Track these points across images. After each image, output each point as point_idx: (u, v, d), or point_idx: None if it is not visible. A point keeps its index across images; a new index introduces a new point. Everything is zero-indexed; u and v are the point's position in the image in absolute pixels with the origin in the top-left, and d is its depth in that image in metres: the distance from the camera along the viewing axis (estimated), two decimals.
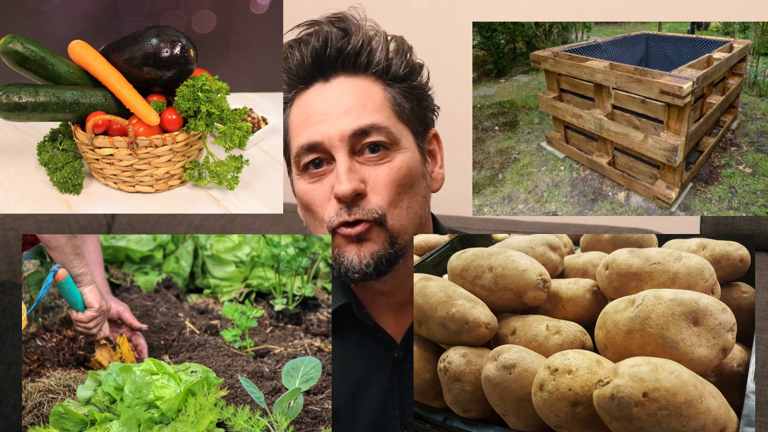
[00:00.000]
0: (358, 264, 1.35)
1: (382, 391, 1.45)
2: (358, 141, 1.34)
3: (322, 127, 1.34)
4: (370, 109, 1.35)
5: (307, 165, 1.37)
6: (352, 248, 1.35)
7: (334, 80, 1.37)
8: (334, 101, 1.35)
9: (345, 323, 1.47)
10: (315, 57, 1.36)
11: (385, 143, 1.35)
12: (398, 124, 1.37)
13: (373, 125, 1.34)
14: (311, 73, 1.38)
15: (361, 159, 1.35)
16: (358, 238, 1.34)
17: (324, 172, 1.36)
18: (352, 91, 1.36)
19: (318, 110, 1.36)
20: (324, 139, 1.34)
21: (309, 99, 1.38)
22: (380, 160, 1.35)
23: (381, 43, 1.38)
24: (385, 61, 1.37)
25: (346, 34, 1.36)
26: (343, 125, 1.34)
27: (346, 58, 1.36)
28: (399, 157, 1.36)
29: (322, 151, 1.35)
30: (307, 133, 1.35)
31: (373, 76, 1.38)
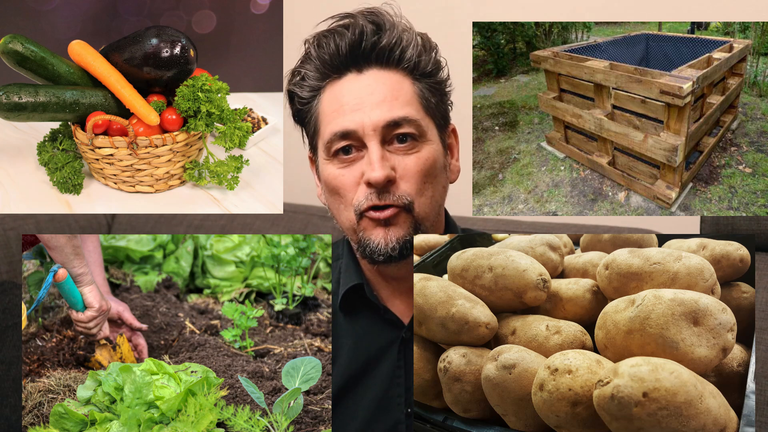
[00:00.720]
0: (384, 247, 1.42)
1: (389, 369, 1.50)
2: (389, 131, 1.41)
3: (356, 116, 1.41)
4: (402, 101, 1.42)
5: (337, 151, 1.43)
6: (379, 231, 1.42)
7: (367, 72, 1.43)
8: (368, 91, 1.42)
9: (355, 303, 1.53)
10: (351, 48, 1.42)
11: (414, 134, 1.42)
12: (425, 118, 1.44)
13: (405, 117, 1.41)
14: (345, 64, 1.43)
15: (391, 148, 1.41)
16: (386, 222, 1.41)
17: (354, 159, 1.42)
18: (385, 84, 1.42)
19: (352, 99, 1.42)
20: (358, 128, 1.40)
21: (342, 88, 1.43)
22: (409, 151, 1.42)
23: (412, 40, 1.44)
24: (416, 57, 1.44)
25: (381, 29, 1.42)
26: (377, 116, 1.40)
27: (381, 52, 1.42)
28: (426, 148, 1.43)
29: (354, 138, 1.41)
30: (341, 120, 1.41)
31: (404, 71, 1.44)
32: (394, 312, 1.52)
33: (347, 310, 1.54)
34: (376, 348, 1.51)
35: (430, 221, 1.44)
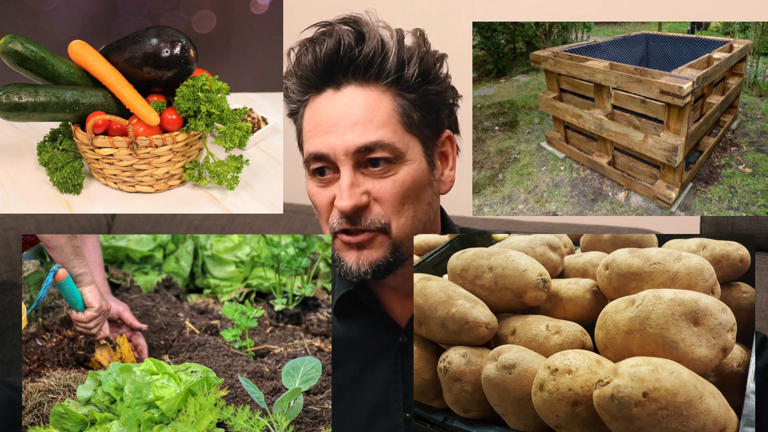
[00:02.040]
0: (356, 270, 1.40)
1: (386, 374, 1.48)
2: (362, 156, 1.37)
3: (329, 138, 1.37)
4: (377, 123, 1.37)
5: (314, 170, 1.41)
6: (351, 254, 1.40)
7: (344, 89, 1.39)
8: (343, 112, 1.37)
9: (351, 308, 1.51)
10: (327, 64, 1.38)
11: (389, 158, 1.37)
12: (405, 136, 1.39)
13: (377, 142, 1.36)
14: (323, 80, 1.40)
15: (366, 171, 1.38)
16: (359, 245, 1.39)
17: (330, 180, 1.40)
18: (360, 103, 1.37)
19: (326, 120, 1.38)
20: (330, 152, 1.37)
21: (320, 106, 1.40)
22: (384, 174, 1.38)
23: (394, 51, 1.38)
24: (396, 71, 1.38)
25: (360, 42, 1.37)
26: (349, 140, 1.36)
27: (357, 69, 1.38)
28: (404, 169, 1.38)
29: (327, 161, 1.38)
30: (315, 142, 1.39)
31: (384, 86, 1.39)
32: (392, 315, 1.50)
33: (342, 314, 1.52)
34: (372, 353, 1.49)
35: (409, 242, 1.41)
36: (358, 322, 1.51)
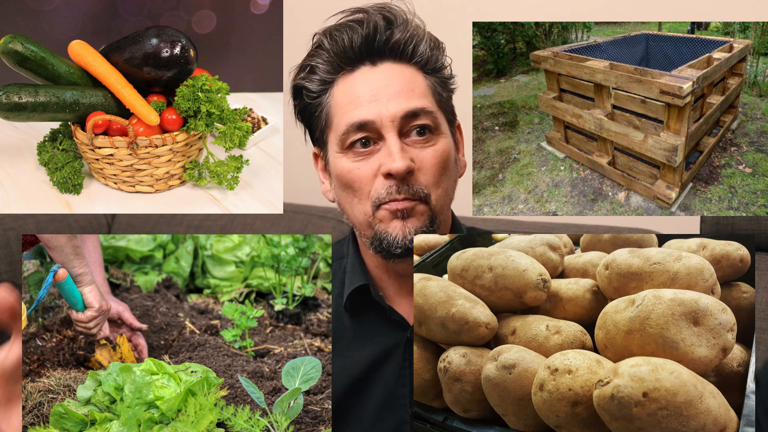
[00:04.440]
0: (402, 239, 1.42)
1: (394, 369, 1.50)
2: (407, 123, 1.41)
3: (373, 107, 1.41)
4: (418, 93, 1.43)
5: (353, 143, 1.43)
6: (397, 224, 1.42)
7: (381, 65, 1.44)
8: (384, 83, 1.42)
9: (361, 304, 1.53)
10: (365, 42, 1.42)
11: (430, 127, 1.43)
12: (439, 111, 1.45)
13: (422, 108, 1.41)
14: (359, 57, 1.44)
15: (408, 141, 1.42)
16: (404, 213, 1.41)
17: (371, 152, 1.42)
18: (400, 76, 1.43)
19: (368, 91, 1.42)
20: (376, 119, 1.40)
21: (356, 80, 1.44)
22: (426, 143, 1.42)
23: (425, 35, 1.45)
24: (428, 52, 1.45)
25: (394, 24, 1.43)
26: (395, 107, 1.40)
27: (395, 46, 1.43)
28: (441, 140, 1.44)
29: (372, 130, 1.41)
30: (358, 112, 1.41)
31: (416, 66, 1.45)
32: (400, 312, 1.52)
33: (353, 310, 1.54)
34: (381, 349, 1.51)
35: (444, 214, 1.46)
36: (368, 318, 1.53)
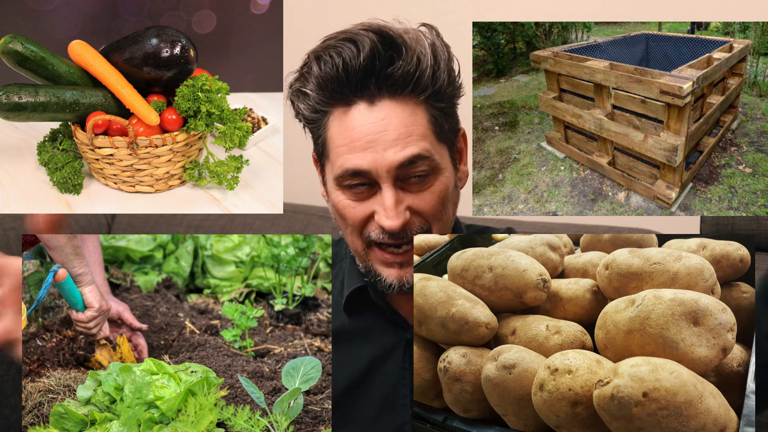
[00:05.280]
0: (398, 285, 1.41)
1: (394, 370, 1.49)
2: (404, 171, 1.35)
3: (368, 155, 1.34)
4: (416, 137, 1.35)
5: (348, 185, 1.38)
6: (392, 271, 1.41)
7: (379, 103, 1.35)
8: (381, 127, 1.34)
9: (360, 305, 1.52)
10: (362, 77, 1.33)
11: (427, 171, 1.37)
12: (439, 147, 1.39)
13: (419, 155, 1.35)
14: (353, 92, 1.35)
15: (404, 186, 1.37)
16: (401, 263, 1.40)
17: (366, 196, 1.38)
18: (398, 118, 1.35)
19: (364, 136, 1.34)
20: (371, 168, 1.35)
21: (353, 121, 1.35)
22: (423, 186, 1.37)
23: (429, 65, 1.34)
24: (431, 82, 1.35)
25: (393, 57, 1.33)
26: (391, 156, 1.34)
27: (394, 84, 1.34)
28: (439, 180, 1.39)
29: (368, 177, 1.36)
30: (353, 158, 1.35)
31: (417, 98, 1.36)
32: (400, 312, 1.51)
33: (352, 311, 1.53)
34: (381, 349, 1.51)
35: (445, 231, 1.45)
36: (367, 318, 1.52)
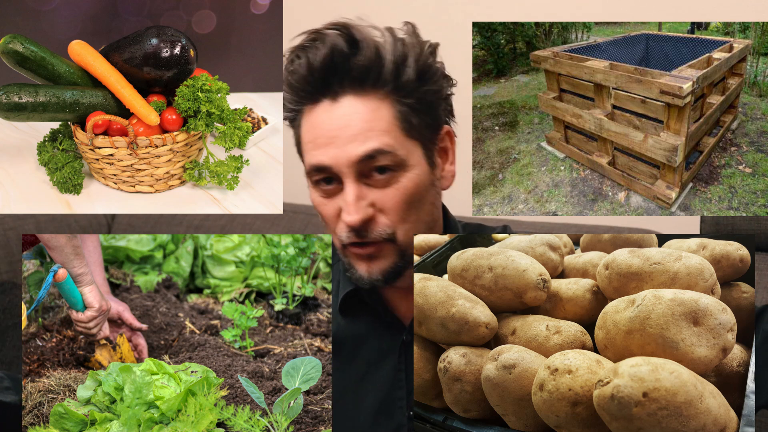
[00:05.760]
0: (367, 278, 1.41)
1: (390, 372, 1.48)
2: (365, 165, 1.35)
3: (330, 150, 1.35)
4: (378, 131, 1.35)
5: (318, 181, 1.39)
6: (362, 265, 1.41)
7: (342, 99, 1.36)
8: (342, 123, 1.35)
9: (355, 306, 1.51)
10: (321, 73, 1.35)
11: (391, 166, 1.36)
12: (406, 142, 1.37)
13: (379, 149, 1.34)
14: (317, 90, 1.37)
15: (369, 181, 1.36)
16: (369, 256, 1.39)
17: (334, 191, 1.38)
18: (359, 113, 1.35)
19: (326, 132, 1.36)
20: (332, 163, 1.35)
21: (317, 118, 1.37)
22: (388, 182, 1.36)
23: (390, 59, 1.34)
24: (393, 78, 1.35)
25: (354, 50, 1.34)
26: (351, 150, 1.34)
27: (353, 79, 1.35)
28: (406, 176, 1.37)
29: (331, 173, 1.37)
30: (317, 154, 1.37)
31: (383, 93, 1.36)
32: (396, 313, 1.51)
33: (347, 313, 1.52)
34: (376, 351, 1.50)
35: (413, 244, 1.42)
36: (363, 321, 1.51)
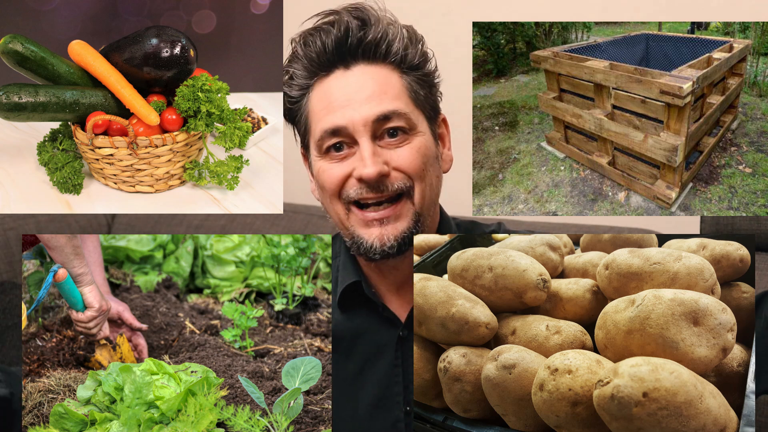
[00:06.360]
0: (380, 246, 1.42)
1: (386, 367, 1.50)
2: (379, 126, 1.41)
3: (346, 112, 1.41)
4: (391, 95, 1.42)
5: (329, 148, 1.43)
6: (373, 231, 1.43)
7: (354, 68, 1.43)
8: (357, 87, 1.42)
9: (354, 301, 1.53)
10: (337, 45, 1.42)
11: (404, 128, 1.42)
12: (415, 110, 1.44)
13: (394, 111, 1.41)
14: (332, 61, 1.43)
15: (382, 143, 1.42)
16: (381, 221, 1.42)
17: (345, 155, 1.43)
18: (373, 79, 1.42)
19: (341, 96, 1.42)
20: (348, 124, 1.40)
21: (330, 85, 1.44)
22: (400, 143, 1.42)
23: (398, 33, 1.44)
24: (402, 50, 1.44)
25: (366, 24, 1.42)
26: (366, 111, 1.40)
27: (367, 47, 1.42)
28: (417, 139, 1.43)
29: (345, 135, 1.42)
30: (331, 117, 1.42)
31: (391, 65, 1.44)
32: (392, 309, 1.52)
33: (345, 307, 1.54)
34: (373, 346, 1.51)
35: (429, 212, 1.45)
36: (360, 316, 1.53)
